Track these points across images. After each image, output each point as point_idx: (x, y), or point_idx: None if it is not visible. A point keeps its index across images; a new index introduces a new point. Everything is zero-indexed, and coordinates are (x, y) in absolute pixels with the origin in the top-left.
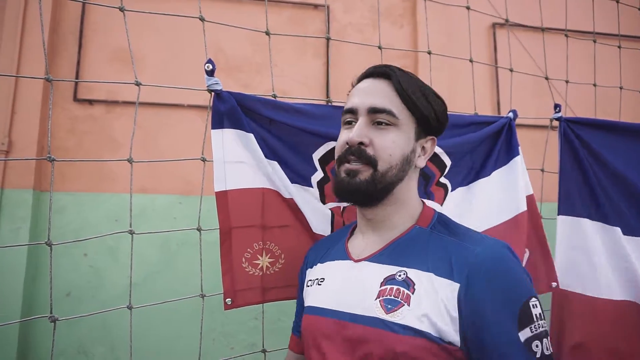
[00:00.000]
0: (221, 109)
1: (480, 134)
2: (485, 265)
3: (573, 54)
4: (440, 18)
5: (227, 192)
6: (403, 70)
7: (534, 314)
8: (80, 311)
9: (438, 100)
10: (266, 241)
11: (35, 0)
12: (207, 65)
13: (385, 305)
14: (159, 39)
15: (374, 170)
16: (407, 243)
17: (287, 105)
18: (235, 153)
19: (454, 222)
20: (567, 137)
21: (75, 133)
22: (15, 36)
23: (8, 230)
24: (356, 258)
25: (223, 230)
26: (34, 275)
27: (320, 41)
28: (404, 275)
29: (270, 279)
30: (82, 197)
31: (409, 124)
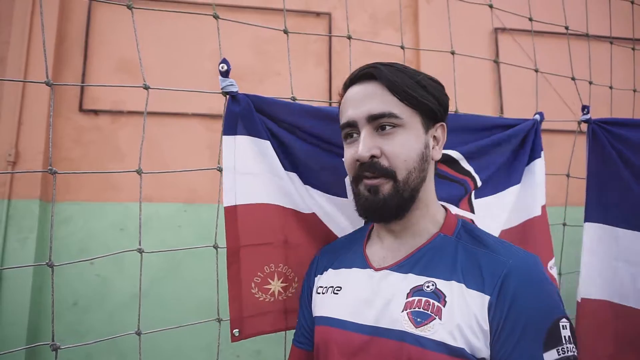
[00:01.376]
0: (236, 113)
1: (505, 134)
2: (517, 279)
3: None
4: (441, 24)
5: (237, 207)
6: (389, 63)
7: (563, 335)
8: (87, 320)
9: (434, 83)
10: (278, 263)
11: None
12: (221, 65)
13: (414, 318)
14: (162, 48)
15: (395, 181)
16: (433, 252)
17: (309, 107)
18: (248, 163)
19: (479, 229)
20: (598, 139)
21: (81, 143)
22: (22, 45)
23: (15, 240)
24: (377, 266)
25: (231, 250)
26: (40, 284)
27: (323, 49)
28: (432, 287)
29: (283, 305)
30: (88, 207)
31: (414, 120)
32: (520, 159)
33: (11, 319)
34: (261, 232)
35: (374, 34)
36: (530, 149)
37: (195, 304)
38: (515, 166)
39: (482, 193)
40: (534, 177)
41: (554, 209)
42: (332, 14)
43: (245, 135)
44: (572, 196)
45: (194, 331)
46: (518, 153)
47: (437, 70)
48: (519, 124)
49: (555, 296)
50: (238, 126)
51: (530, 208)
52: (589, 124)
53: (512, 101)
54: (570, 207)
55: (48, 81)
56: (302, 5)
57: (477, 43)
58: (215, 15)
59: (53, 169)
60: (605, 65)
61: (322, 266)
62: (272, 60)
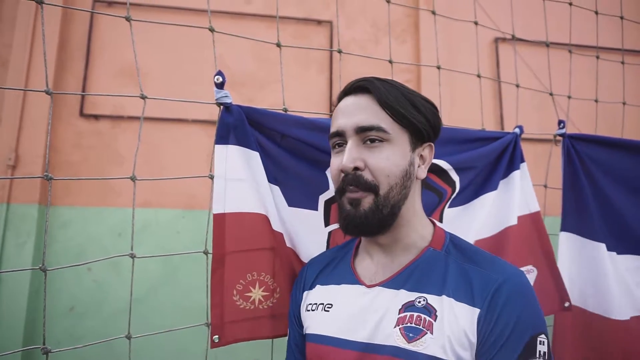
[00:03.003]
0: (229, 124)
1: (487, 149)
2: (507, 294)
3: (577, 69)
4: (442, 34)
5: (225, 215)
6: (385, 79)
7: (539, 350)
8: (83, 326)
9: (427, 105)
10: (261, 272)
11: (45, 18)
12: (216, 77)
13: (407, 333)
14: (163, 55)
15: (376, 195)
16: (423, 267)
17: (300, 118)
18: (238, 172)
19: (467, 243)
20: (569, 154)
21: (81, 148)
22: (24, 49)
23: (13, 245)
24: (368, 283)
25: (216, 257)
26: (37, 288)
27: (324, 57)
28: (424, 302)
29: (264, 314)
30: (86, 212)
31: (401, 137)
32: (497, 171)
33: (8, 322)
34: (247, 239)
35: (375, 42)
36: (507, 161)
37: (193, 310)
38: (491, 178)
39: (453, 203)
40: (512, 189)
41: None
42: (334, 22)
43: (237, 145)
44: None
45: (191, 336)
46: (495, 165)
47: (435, 80)
48: (501, 137)
49: (538, 313)
50: (230, 136)
51: (505, 218)
52: (564, 138)
53: (512, 110)
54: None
55: (48, 90)
56: (303, 13)
57: (477, 52)
58: (211, 28)
59: (49, 175)
60: (608, 79)
61: (310, 282)
62: (273, 68)
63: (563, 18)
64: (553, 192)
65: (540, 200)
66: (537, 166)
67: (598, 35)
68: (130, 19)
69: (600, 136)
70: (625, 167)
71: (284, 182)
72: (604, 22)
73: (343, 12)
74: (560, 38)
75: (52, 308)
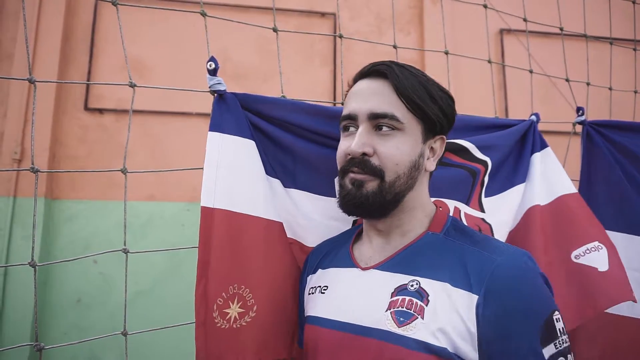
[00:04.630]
0: (222, 111)
1: (506, 132)
2: (506, 276)
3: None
4: (446, 25)
5: (215, 210)
6: (403, 65)
7: (558, 328)
8: (90, 317)
9: (444, 95)
10: (241, 284)
11: (48, 10)
12: (209, 63)
13: (397, 317)
14: (167, 48)
15: (381, 181)
16: (419, 250)
17: (300, 103)
18: (231, 161)
19: (470, 228)
20: (593, 142)
21: (86, 141)
22: (29, 42)
23: (20, 237)
24: (363, 266)
25: (202, 261)
26: (44, 280)
27: (328, 49)
28: (416, 285)
29: (237, 333)
30: (92, 205)
31: (414, 127)
32: (523, 156)
33: (16, 315)
34: (233, 245)
35: (378, 34)
36: (531, 145)
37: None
38: (519, 163)
39: (490, 192)
40: (534, 172)
41: None
42: (337, 14)
43: (231, 135)
44: None
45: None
46: (520, 151)
47: (440, 70)
48: (517, 124)
49: (545, 290)
50: (224, 124)
51: (528, 201)
52: (584, 126)
53: (518, 102)
54: None
55: (31, 78)
56: (307, 6)
57: (482, 43)
58: (203, 12)
59: (35, 168)
60: (606, 66)
61: (313, 266)
62: (275, 59)
63: (566, 7)
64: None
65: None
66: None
67: (612, 24)
68: (116, 4)
69: (624, 121)
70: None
71: (289, 167)
72: (614, 10)
73: (347, 4)
74: (568, 27)
75: (58, 300)
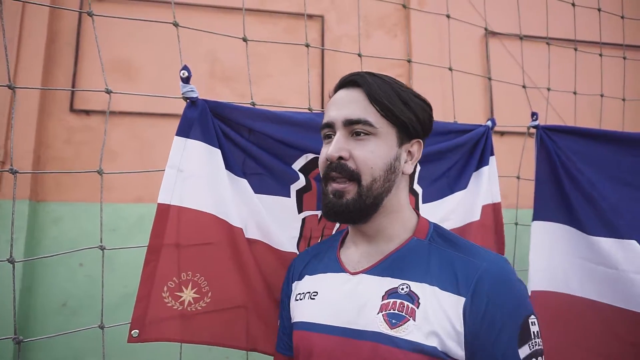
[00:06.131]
0: (192, 118)
1: (458, 141)
2: (491, 281)
3: (555, 62)
4: (432, 28)
5: (171, 207)
6: (376, 74)
7: (532, 331)
8: (76, 322)
9: (418, 102)
10: (196, 273)
11: (32, 12)
12: (182, 72)
13: (390, 319)
14: (154, 50)
15: (359, 185)
16: (406, 255)
17: (266, 112)
18: (193, 166)
19: (451, 233)
20: (544, 144)
21: (72, 143)
22: (12, 47)
23: (4, 240)
24: (352, 270)
25: (152, 247)
26: (29, 285)
27: (316, 51)
28: (407, 289)
29: (191, 317)
30: (79, 207)
31: (388, 131)
32: (469, 165)
33: (3, 318)
34: (188, 236)
35: (365, 37)
36: (479, 155)
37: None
38: (464, 172)
39: (428, 198)
40: (480, 184)
41: (509, 211)
42: (325, 16)
43: (197, 141)
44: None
45: None
46: (468, 159)
47: (426, 74)
48: (473, 129)
49: (525, 295)
50: (192, 130)
51: (470, 212)
52: (537, 130)
53: (503, 105)
54: (528, 209)
55: (10, 84)
56: (295, 8)
57: (468, 46)
58: (175, 23)
59: (14, 169)
60: (590, 72)
61: (298, 272)
62: (264, 62)
63: (541, 12)
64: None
65: (513, 193)
66: (524, 159)
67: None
68: (92, 14)
69: (574, 127)
70: (600, 155)
71: (253, 172)
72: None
73: (334, 7)
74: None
75: (44, 304)
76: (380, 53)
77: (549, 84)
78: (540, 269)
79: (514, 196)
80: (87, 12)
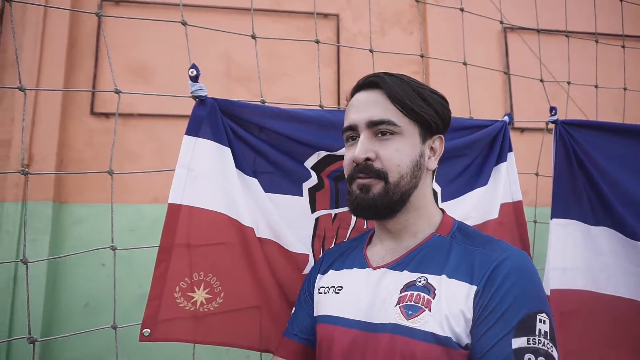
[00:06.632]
0: (201, 117)
1: (474, 137)
2: (506, 270)
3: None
4: (449, 23)
5: (181, 206)
6: (394, 74)
7: (538, 328)
8: (97, 321)
9: (437, 98)
10: (208, 273)
11: (53, 17)
12: (191, 70)
13: (406, 311)
14: (171, 52)
15: (385, 182)
16: (427, 251)
17: (277, 109)
18: (202, 166)
19: (474, 230)
20: (562, 140)
21: (93, 145)
22: (34, 50)
23: (29, 241)
24: (375, 265)
25: (163, 247)
26: (53, 286)
27: (331, 50)
28: (424, 281)
29: (203, 317)
30: (99, 208)
31: (411, 129)
32: (489, 160)
33: (25, 320)
34: (199, 236)
35: (381, 34)
36: (498, 151)
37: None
38: (483, 168)
39: (447, 196)
40: (497, 181)
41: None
42: (340, 15)
43: (207, 139)
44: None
45: None
46: (487, 155)
47: (443, 70)
48: (489, 125)
49: (540, 291)
50: (201, 129)
51: (488, 210)
52: (556, 125)
53: (523, 101)
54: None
55: (21, 86)
56: (309, 7)
57: (485, 42)
58: (184, 22)
59: (25, 170)
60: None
61: (325, 267)
62: (280, 61)
63: (559, 4)
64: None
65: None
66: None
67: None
68: (100, 15)
69: (594, 121)
70: (623, 150)
71: (263, 171)
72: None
73: (349, 5)
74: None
75: (67, 304)
76: (396, 50)
77: (568, 77)
78: (559, 267)
79: (534, 193)
80: (96, 12)
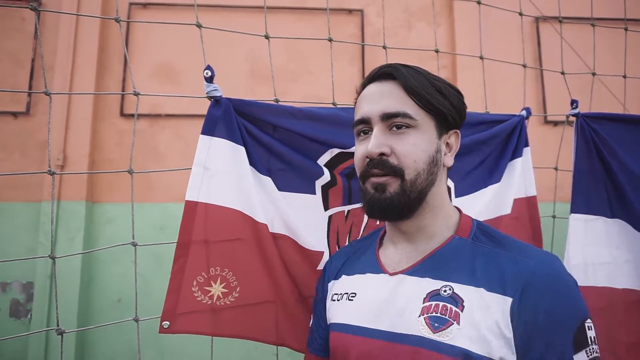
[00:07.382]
0: (216, 116)
1: (491, 132)
2: (541, 281)
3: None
4: (477, 15)
5: (198, 203)
6: (409, 66)
7: (589, 336)
8: (129, 316)
9: (453, 91)
10: (224, 268)
11: (85, 24)
12: (205, 72)
13: (432, 323)
14: (197, 53)
15: (402, 180)
16: (448, 255)
17: (290, 108)
18: (218, 164)
19: (495, 230)
20: (584, 133)
21: (122, 146)
22: (68, 55)
23: (64, 239)
24: (391, 271)
25: (181, 243)
26: (88, 282)
27: (356, 47)
28: (450, 291)
29: (220, 311)
30: (130, 208)
31: (427, 123)
32: (504, 155)
33: (61, 315)
34: (215, 232)
35: (407, 29)
36: (514, 146)
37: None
38: (497, 165)
39: (462, 192)
40: (512, 176)
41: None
42: (365, 10)
43: (222, 139)
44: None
45: None
46: (502, 150)
47: (470, 64)
48: (506, 119)
49: (579, 297)
50: (217, 128)
51: (500, 205)
52: (577, 118)
53: (555, 94)
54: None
55: (46, 91)
56: (334, 3)
57: (517, 33)
58: (199, 24)
59: (51, 170)
60: None
61: (335, 272)
62: (304, 59)
63: None
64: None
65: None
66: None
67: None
68: (119, 20)
69: (616, 114)
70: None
71: (277, 169)
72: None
73: (374, 1)
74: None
75: (100, 299)
76: (423, 44)
77: (594, 68)
78: (580, 263)
79: (560, 188)
80: (115, 18)
